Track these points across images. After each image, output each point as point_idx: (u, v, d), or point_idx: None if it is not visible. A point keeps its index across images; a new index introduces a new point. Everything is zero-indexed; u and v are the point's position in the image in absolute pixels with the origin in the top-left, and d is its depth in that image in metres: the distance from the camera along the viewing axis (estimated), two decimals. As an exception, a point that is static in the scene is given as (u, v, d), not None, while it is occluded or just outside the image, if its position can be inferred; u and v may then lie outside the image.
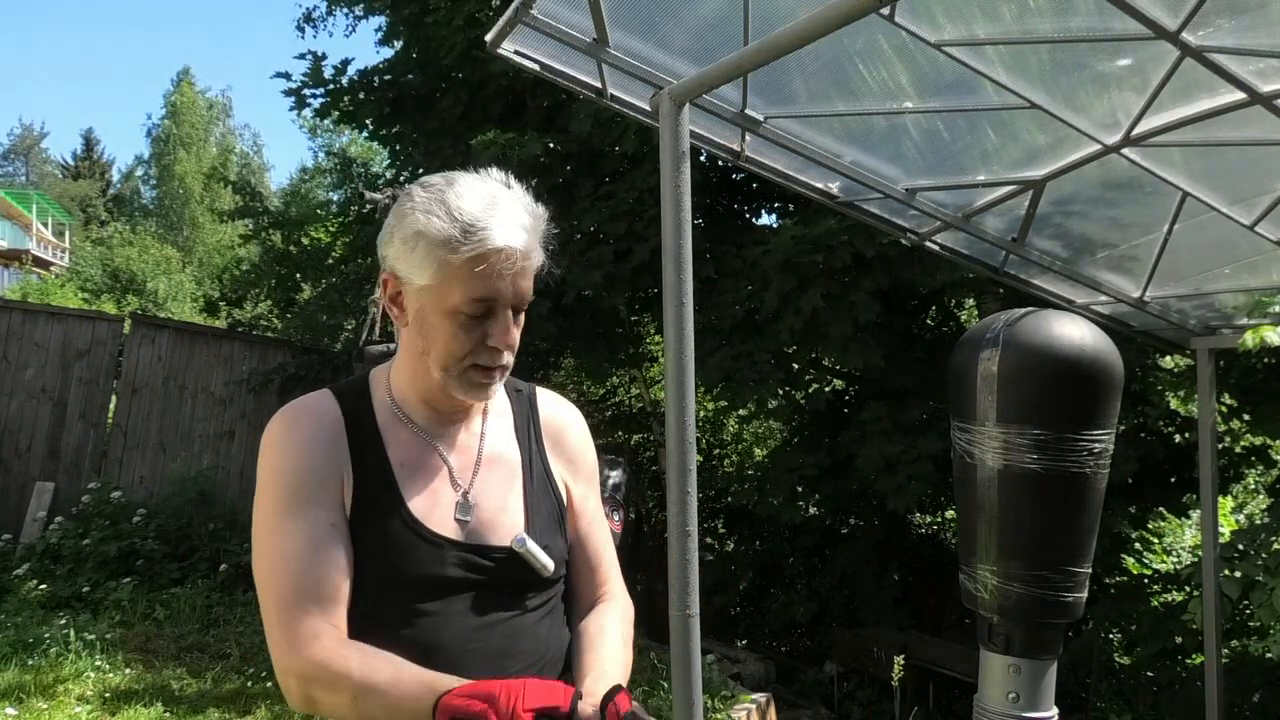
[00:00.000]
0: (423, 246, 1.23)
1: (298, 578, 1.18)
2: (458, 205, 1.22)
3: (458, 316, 1.24)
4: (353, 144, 23.79)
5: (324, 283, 8.85)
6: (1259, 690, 5.19)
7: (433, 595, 1.24)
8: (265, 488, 1.24)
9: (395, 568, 1.24)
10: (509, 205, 1.25)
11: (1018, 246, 3.61)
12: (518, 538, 1.30)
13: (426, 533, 1.26)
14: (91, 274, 23.65)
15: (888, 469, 5.44)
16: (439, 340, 1.26)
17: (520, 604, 1.31)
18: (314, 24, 8.99)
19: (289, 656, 1.16)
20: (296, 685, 1.16)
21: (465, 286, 1.22)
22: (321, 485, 1.23)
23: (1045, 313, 2.07)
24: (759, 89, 2.81)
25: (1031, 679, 2.03)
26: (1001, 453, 1.99)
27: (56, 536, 7.00)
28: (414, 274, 1.25)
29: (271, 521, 1.22)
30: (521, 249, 1.24)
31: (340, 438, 1.27)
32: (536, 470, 1.39)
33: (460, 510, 1.29)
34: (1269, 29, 2.21)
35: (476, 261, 1.21)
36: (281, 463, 1.24)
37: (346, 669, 1.14)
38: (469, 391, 1.29)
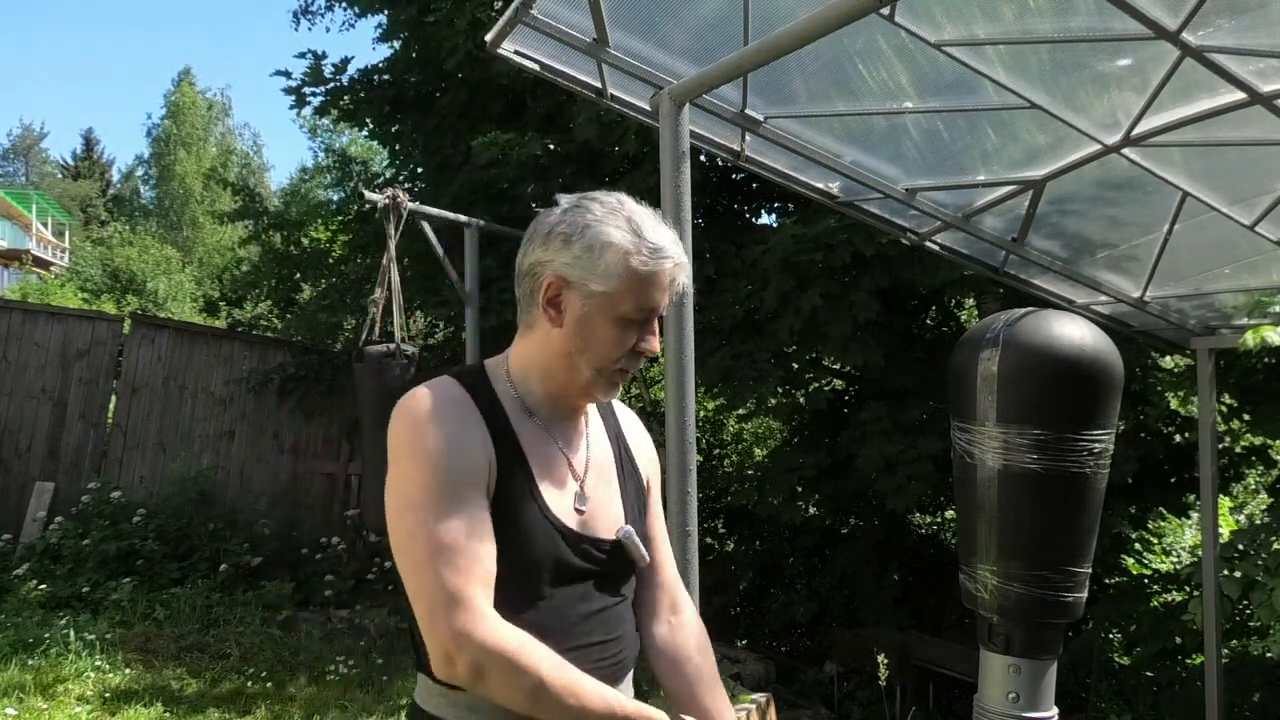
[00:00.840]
0: (611, 256, 1.33)
1: (467, 556, 1.24)
2: (641, 224, 1.35)
3: (623, 322, 1.35)
4: (353, 143, 23.77)
5: (324, 282, 8.85)
6: (1259, 690, 5.19)
7: (555, 580, 1.33)
8: (419, 467, 1.28)
9: (527, 553, 1.31)
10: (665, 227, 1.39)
11: (1018, 246, 3.61)
12: (624, 530, 1.42)
13: (557, 522, 1.35)
14: (91, 274, 23.62)
15: (887, 469, 5.43)
16: (600, 343, 1.35)
17: (619, 592, 1.43)
18: (311, 17, 8.98)
19: (469, 633, 1.21)
20: (469, 660, 1.21)
21: (639, 296, 1.34)
22: (475, 469, 1.30)
23: (1045, 313, 2.07)
24: (759, 89, 2.81)
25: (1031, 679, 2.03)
26: (1001, 453, 1.99)
27: (56, 536, 6.99)
28: (591, 279, 1.34)
29: (432, 500, 1.26)
30: (683, 262, 1.38)
31: (483, 426, 1.34)
32: (627, 470, 1.51)
33: (579, 501, 1.39)
34: (1269, 29, 2.21)
35: (655, 275, 1.34)
36: (437, 444, 1.29)
37: (535, 661, 1.22)
38: (608, 391, 1.40)
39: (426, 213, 5.62)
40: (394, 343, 5.02)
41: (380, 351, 5.00)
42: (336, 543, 7.63)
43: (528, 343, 1.42)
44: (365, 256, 8.25)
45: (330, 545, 7.61)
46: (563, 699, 1.22)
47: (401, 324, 5.19)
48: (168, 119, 37.22)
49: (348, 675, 5.56)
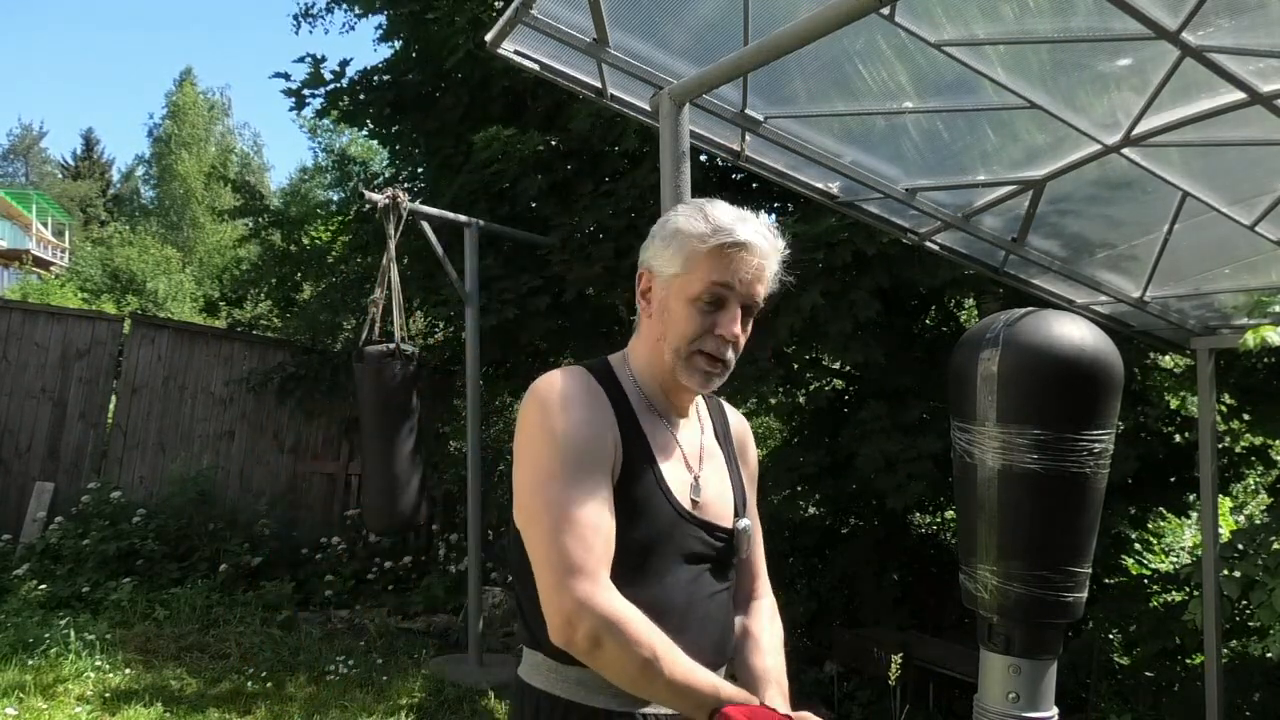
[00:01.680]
0: (678, 240, 1.44)
1: (592, 530, 1.31)
2: (713, 212, 1.45)
3: (696, 303, 1.42)
4: (353, 143, 23.77)
5: (324, 282, 8.84)
6: (1259, 690, 5.19)
7: (672, 562, 1.42)
8: (550, 442, 1.36)
9: (647, 534, 1.39)
10: (754, 221, 1.47)
11: (1018, 246, 3.61)
12: (743, 522, 1.54)
13: (678, 505, 1.44)
14: (91, 274, 23.62)
15: (887, 467, 5.43)
16: (676, 324, 1.44)
17: (726, 579, 1.52)
18: (311, 19, 8.97)
19: (590, 601, 1.26)
20: (590, 628, 1.26)
21: (707, 273, 1.41)
22: (603, 450, 1.38)
23: (1045, 313, 2.07)
24: (759, 89, 2.81)
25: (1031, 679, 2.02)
26: (1001, 453, 1.99)
27: (56, 536, 7.00)
28: (666, 266, 1.45)
29: (563, 473, 1.33)
30: (759, 249, 1.43)
31: (610, 411, 1.42)
32: (733, 467, 1.61)
33: (694, 490, 1.48)
34: (1269, 29, 2.21)
35: (720, 251, 1.41)
36: (568, 424, 1.37)
37: (650, 635, 1.27)
38: (693, 377, 1.45)
39: (426, 212, 5.62)
40: (394, 343, 5.02)
41: (380, 351, 5.00)
42: (336, 543, 7.64)
43: (639, 338, 1.53)
44: (365, 256, 8.25)
45: (330, 545, 7.62)
46: (672, 674, 1.27)
47: (401, 324, 5.19)
48: (169, 119, 37.22)
49: (348, 675, 5.56)
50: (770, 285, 1.49)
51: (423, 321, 9.01)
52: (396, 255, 5.26)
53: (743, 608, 1.63)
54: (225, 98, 41.65)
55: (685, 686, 1.28)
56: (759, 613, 1.63)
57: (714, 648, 1.45)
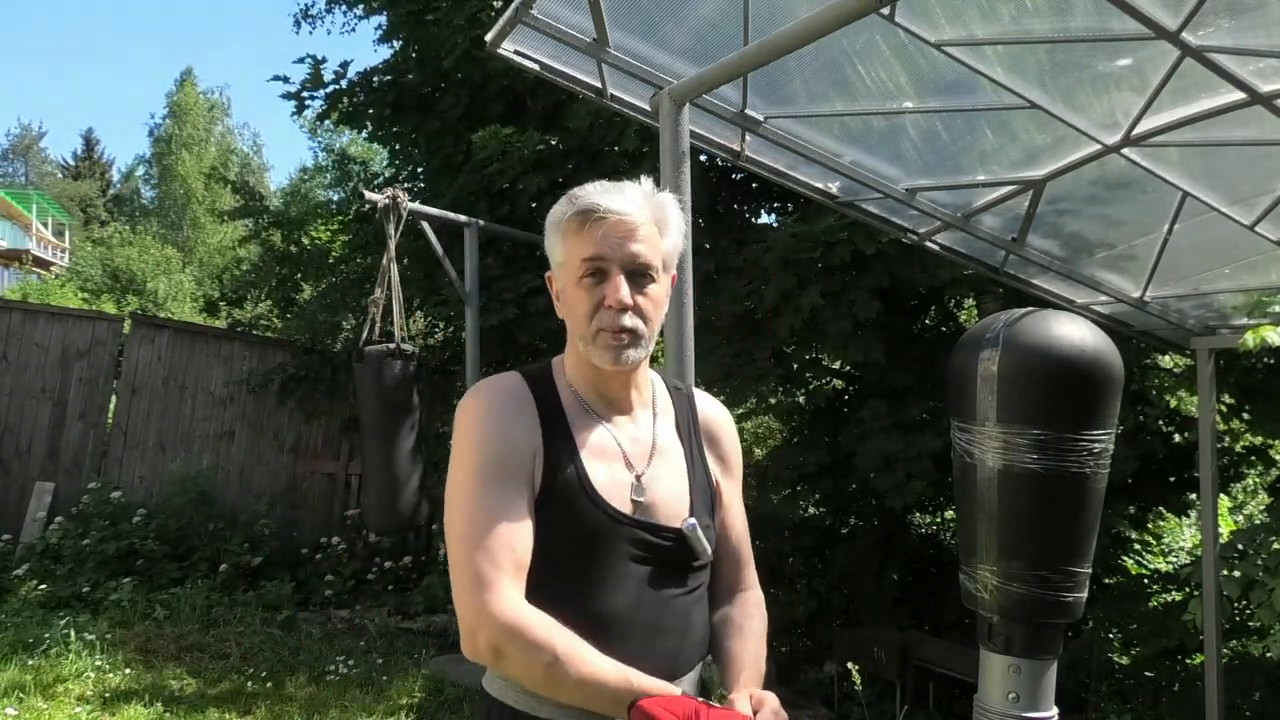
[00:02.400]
0: (551, 231, 1.43)
1: (497, 541, 1.29)
2: (575, 192, 1.42)
3: (581, 283, 1.39)
4: (353, 144, 23.76)
5: (324, 282, 8.84)
6: (1259, 690, 5.19)
7: (608, 567, 1.37)
8: (466, 456, 1.36)
9: (578, 539, 1.36)
10: (622, 185, 1.43)
11: (1018, 246, 3.61)
12: (688, 522, 1.43)
13: (608, 508, 1.38)
14: (91, 274, 23.61)
15: (887, 467, 5.43)
16: (572, 310, 1.42)
17: (679, 583, 1.43)
18: (311, 20, 8.98)
19: (488, 611, 1.26)
20: (488, 637, 1.26)
21: (577, 250, 1.39)
22: (519, 459, 1.35)
23: (1045, 313, 2.07)
24: (759, 89, 2.81)
25: (1031, 679, 2.02)
26: (1001, 453, 1.99)
27: (56, 536, 7.00)
28: (553, 259, 1.44)
29: (475, 486, 1.33)
30: (618, 211, 1.37)
31: (534, 417, 1.39)
32: (697, 463, 1.52)
33: (635, 491, 1.41)
34: (1269, 29, 2.21)
35: (579, 224, 1.38)
36: (485, 434, 1.36)
37: (549, 638, 1.25)
38: (604, 356, 1.40)
39: (426, 213, 5.62)
40: (394, 342, 5.02)
41: (380, 351, 5.00)
42: (336, 543, 7.64)
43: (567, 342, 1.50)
44: (365, 256, 8.25)
45: (330, 545, 7.61)
46: (579, 673, 1.25)
47: (401, 324, 5.19)
48: (169, 119, 37.22)
49: (348, 675, 5.56)
50: (669, 241, 1.44)
51: (423, 321, 9.01)
52: (396, 255, 5.26)
53: (727, 599, 1.58)
54: (225, 98, 41.70)
55: (594, 684, 1.25)
56: (743, 603, 1.58)
57: (667, 655, 1.39)
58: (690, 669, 1.44)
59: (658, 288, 1.43)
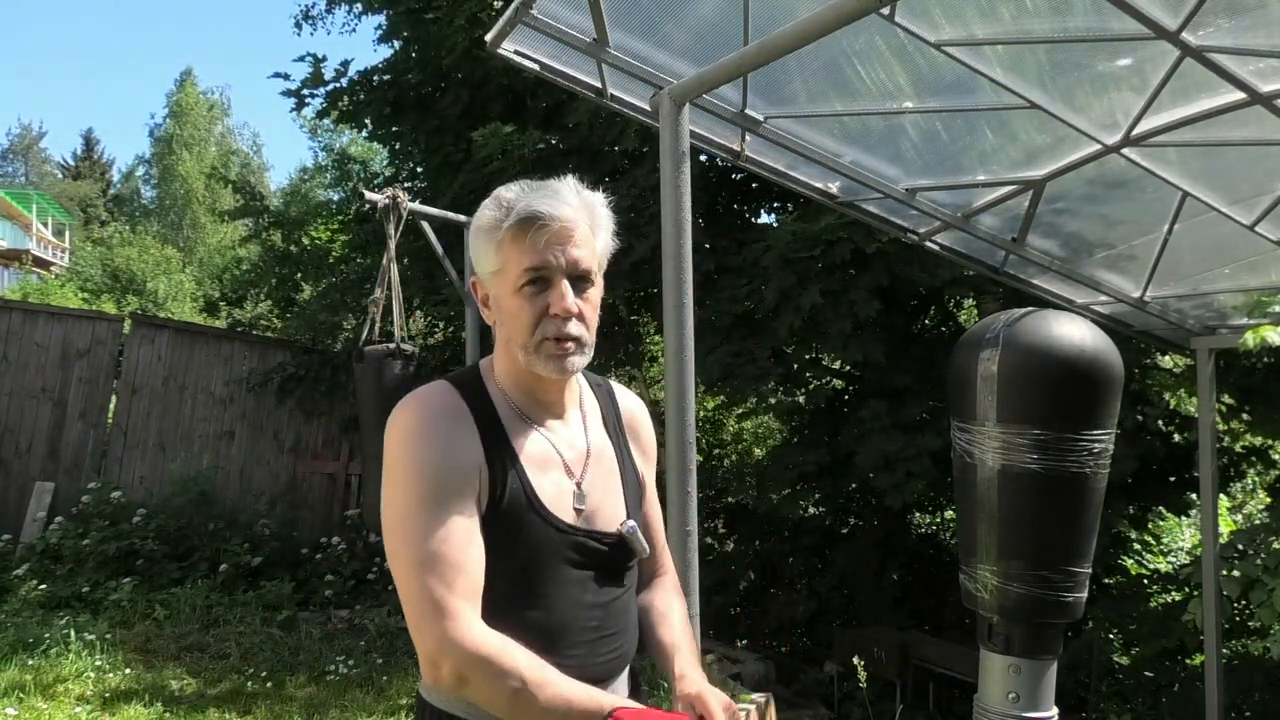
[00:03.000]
0: (481, 237, 1.37)
1: (452, 567, 1.26)
2: (504, 195, 1.37)
3: (521, 291, 1.34)
4: (353, 143, 23.76)
5: (324, 282, 8.85)
6: (1259, 690, 5.19)
7: (556, 577, 1.36)
8: (409, 479, 1.30)
9: (526, 553, 1.34)
10: (553, 186, 1.37)
11: (1017, 246, 3.61)
12: (628, 525, 1.44)
13: (556, 521, 1.36)
14: (91, 274, 23.61)
15: (886, 466, 5.43)
16: (511, 319, 1.37)
17: (621, 583, 1.45)
18: (312, 21, 8.98)
19: (451, 640, 1.23)
20: (453, 667, 1.23)
21: (517, 259, 1.33)
22: (464, 479, 1.31)
23: (1045, 313, 2.07)
24: (759, 89, 2.81)
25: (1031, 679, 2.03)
26: (1001, 453, 1.99)
27: (56, 536, 7.00)
28: (483, 266, 1.39)
29: (418, 512, 1.28)
30: (560, 218, 1.33)
31: (473, 432, 1.34)
32: (626, 460, 1.52)
33: (577, 499, 1.40)
34: (1269, 29, 2.21)
35: (519, 232, 1.33)
36: (425, 456, 1.30)
37: (515, 664, 1.23)
38: (549, 366, 1.36)
39: (426, 212, 5.62)
40: (394, 342, 5.02)
41: (380, 351, 5.00)
42: (336, 543, 7.63)
43: (496, 345, 1.45)
44: (365, 256, 8.25)
45: (330, 545, 7.61)
46: (548, 699, 1.23)
47: (401, 324, 5.19)
48: (170, 119, 37.21)
49: (348, 675, 5.56)
50: (601, 241, 1.41)
51: (423, 321, 9.01)
52: (396, 255, 5.26)
53: (645, 584, 1.58)
54: (225, 98, 41.69)
55: (563, 708, 1.23)
56: (662, 588, 1.59)
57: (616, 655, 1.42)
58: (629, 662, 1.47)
59: (596, 291, 1.41)
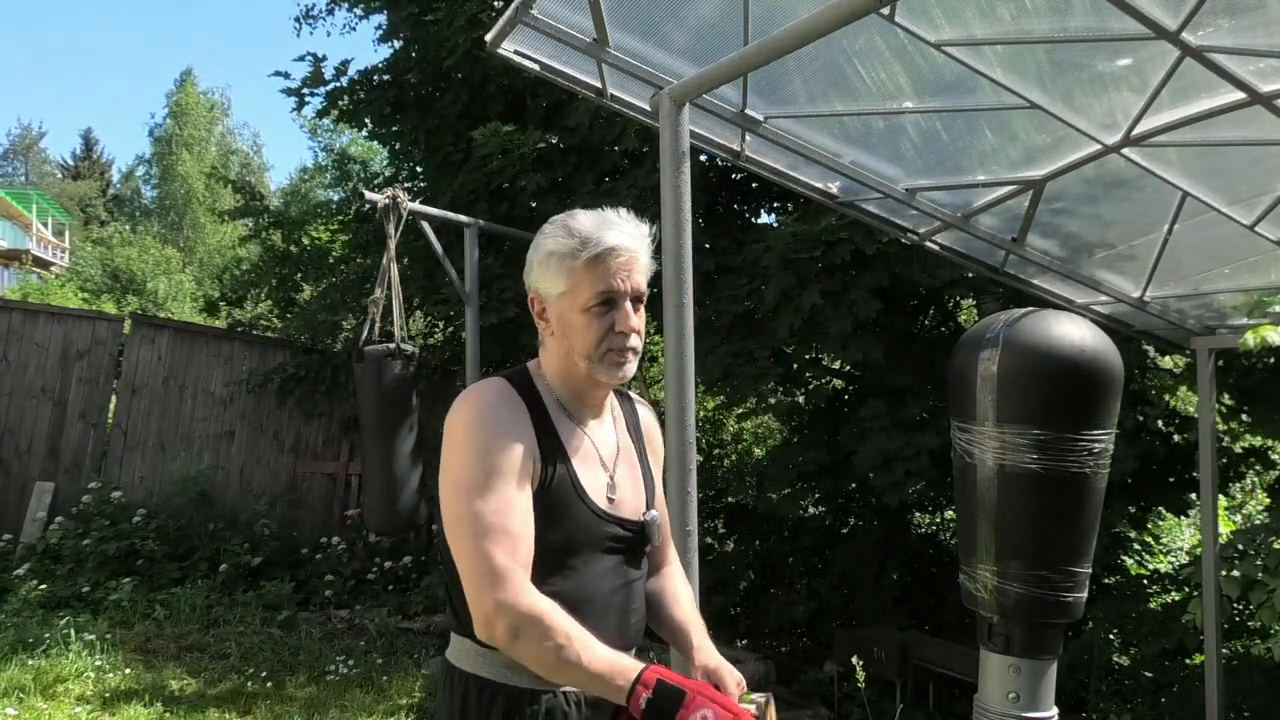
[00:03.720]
0: (554, 262, 1.56)
1: (511, 536, 1.44)
2: (576, 226, 1.56)
3: (590, 312, 1.55)
4: (353, 143, 23.76)
5: (324, 282, 8.84)
6: (1259, 690, 5.19)
7: (589, 557, 1.55)
8: (473, 457, 1.48)
9: (567, 534, 1.53)
10: (615, 219, 1.59)
11: (1017, 246, 3.61)
12: (650, 514, 1.66)
13: (595, 507, 1.57)
14: (91, 274, 23.61)
15: (886, 465, 5.43)
16: (579, 335, 1.56)
17: (639, 567, 1.66)
18: (313, 21, 8.97)
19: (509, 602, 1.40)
20: (507, 623, 1.40)
21: (590, 284, 1.54)
22: (522, 462, 1.49)
23: (1045, 313, 2.07)
24: (759, 89, 2.81)
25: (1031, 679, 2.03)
26: (1001, 453, 1.99)
27: (56, 536, 7.00)
28: (551, 287, 1.57)
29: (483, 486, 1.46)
30: (629, 248, 1.56)
31: (527, 422, 1.54)
32: (644, 459, 1.74)
33: (609, 490, 1.61)
34: (1269, 29, 2.21)
35: (595, 263, 1.53)
36: (489, 437, 1.49)
37: (563, 626, 1.40)
38: (610, 373, 1.58)
39: (426, 212, 5.62)
40: (394, 342, 5.02)
41: (380, 351, 5.00)
42: (336, 543, 7.63)
43: (545, 353, 1.65)
44: (365, 256, 8.25)
45: (330, 545, 7.61)
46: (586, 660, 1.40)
47: (401, 324, 5.19)
48: (170, 119, 37.20)
49: (348, 675, 5.56)
50: (648, 268, 1.62)
51: (423, 321, 9.01)
52: (396, 255, 5.26)
53: (654, 572, 1.79)
54: (225, 98, 41.70)
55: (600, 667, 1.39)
56: (670, 576, 1.81)
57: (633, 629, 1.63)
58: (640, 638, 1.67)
59: (643, 308, 1.63)
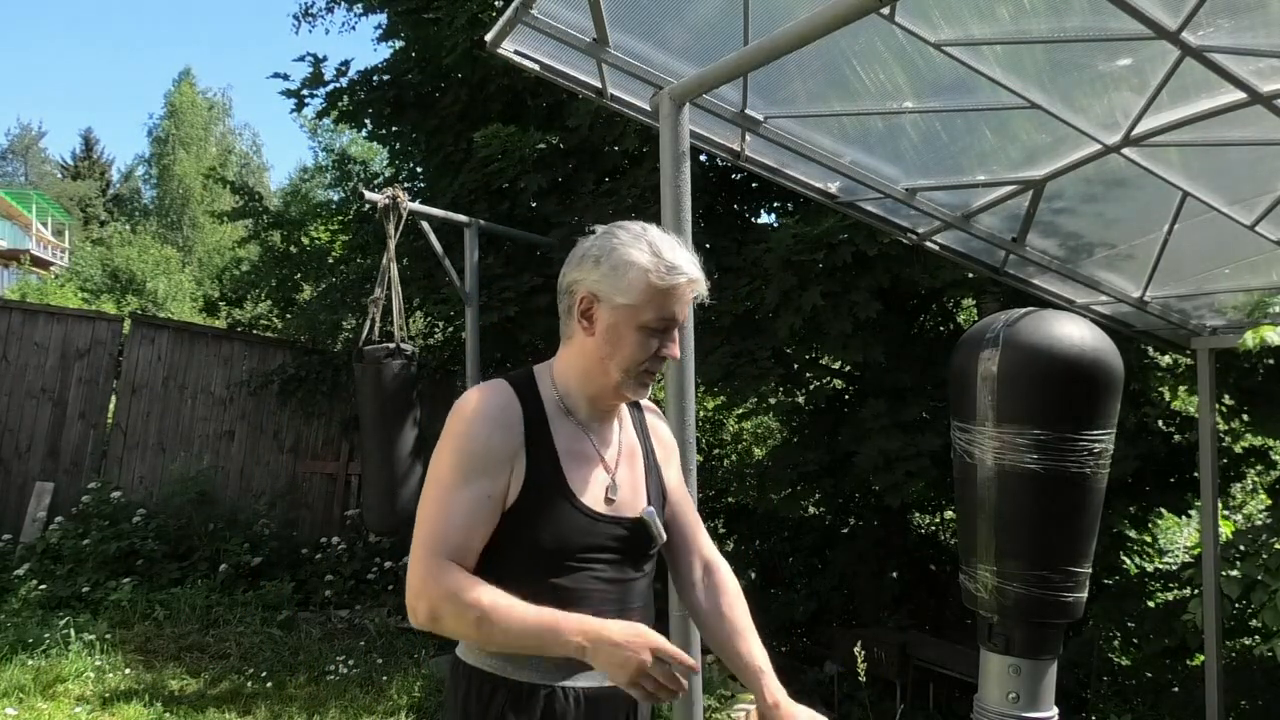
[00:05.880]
0: (631, 273, 1.55)
1: (451, 530, 1.48)
2: (660, 248, 1.57)
3: (645, 330, 1.56)
4: (353, 143, 23.76)
5: (324, 282, 8.83)
6: (1260, 690, 5.19)
7: (582, 557, 1.55)
8: (447, 452, 1.53)
9: (556, 534, 1.53)
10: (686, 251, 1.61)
11: (1017, 246, 3.61)
12: (648, 510, 1.64)
13: (584, 508, 1.56)
14: (91, 274, 23.62)
15: (887, 466, 5.43)
16: (626, 349, 1.57)
17: (639, 568, 1.64)
18: (312, 19, 8.95)
19: (426, 583, 1.45)
20: (426, 606, 1.44)
21: (659, 308, 1.56)
22: (491, 464, 1.51)
23: (1045, 313, 2.07)
24: (759, 89, 2.81)
25: (1031, 679, 2.03)
26: (1001, 453, 1.99)
27: (56, 536, 6.99)
28: (615, 294, 1.56)
29: (446, 479, 1.51)
30: (699, 280, 1.59)
31: (518, 426, 1.55)
32: (651, 459, 1.73)
33: (610, 491, 1.61)
34: (1269, 29, 2.21)
35: (671, 289, 1.56)
36: (467, 435, 1.53)
37: (476, 598, 1.42)
38: (637, 391, 1.61)
39: (426, 213, 5.62)
40: (394, 343, 5.03)
41: (380, 351, 5.00)
42: (336, 543, 7.63)
43: (568, 351, 1.64)
44: (365, 256, 8.24)
45: (330, 545, 7.61)
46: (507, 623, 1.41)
47: (401, 324, 5.19)
48: (168, 119, 37.21)
49: (348, 675, 5.56)
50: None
51: (423, 321, 9.00)
52: (396, 255, 5.26)
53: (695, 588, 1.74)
54: (226, 98, 41.68)
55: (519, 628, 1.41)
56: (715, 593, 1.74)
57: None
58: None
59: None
